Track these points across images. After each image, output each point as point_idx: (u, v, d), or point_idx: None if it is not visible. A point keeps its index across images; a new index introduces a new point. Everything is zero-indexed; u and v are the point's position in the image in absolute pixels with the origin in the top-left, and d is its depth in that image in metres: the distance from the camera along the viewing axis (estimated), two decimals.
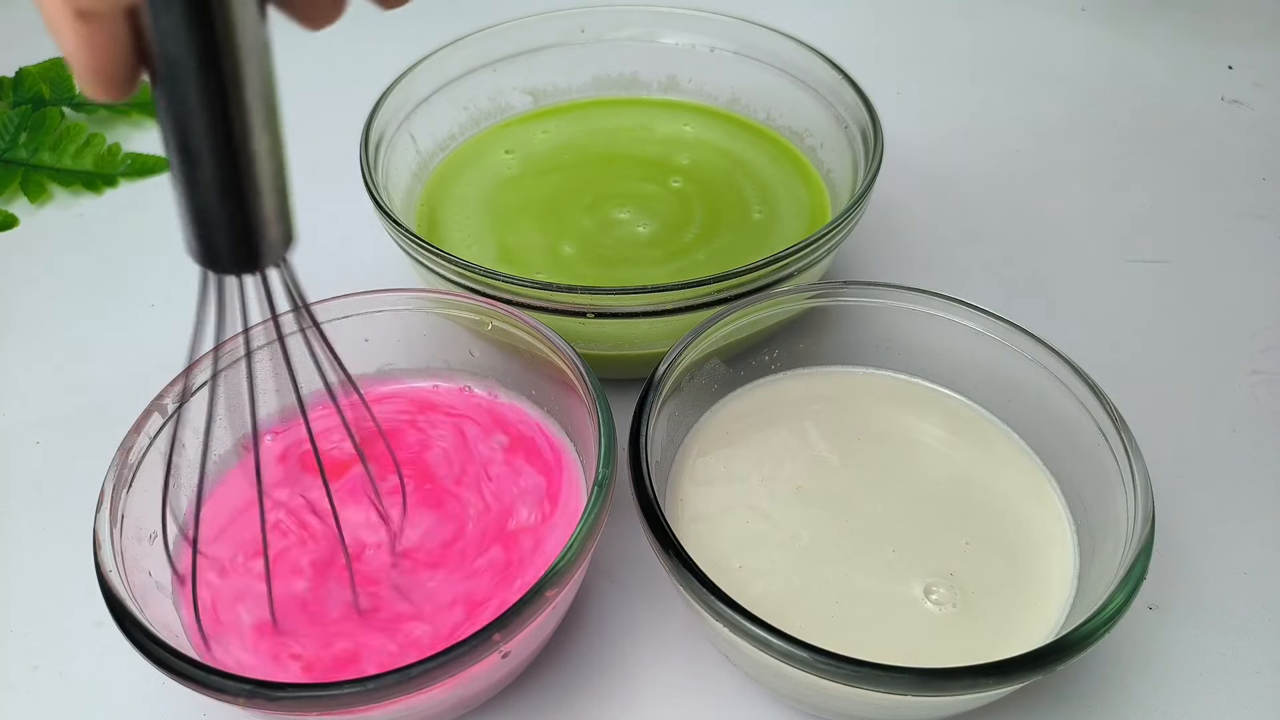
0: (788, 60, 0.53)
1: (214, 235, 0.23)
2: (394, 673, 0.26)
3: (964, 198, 0.58)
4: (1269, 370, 0.46)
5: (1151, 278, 0.52)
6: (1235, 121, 0.64)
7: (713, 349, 0.38)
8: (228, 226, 0.23)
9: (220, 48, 0.20)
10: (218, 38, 0.20)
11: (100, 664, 0.35)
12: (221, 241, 0.23)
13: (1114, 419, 0.33)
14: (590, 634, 0.36)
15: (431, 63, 0.51)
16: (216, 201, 0.22)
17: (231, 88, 0.21)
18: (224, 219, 0.23)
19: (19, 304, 0.52)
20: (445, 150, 0.54)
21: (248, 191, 0.22)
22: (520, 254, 0.47)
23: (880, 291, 0.39)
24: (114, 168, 0.60)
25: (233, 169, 0.22)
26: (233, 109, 0.21)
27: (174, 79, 0.21)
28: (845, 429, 0.38)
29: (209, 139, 0.21)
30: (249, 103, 0.21)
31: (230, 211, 0.23)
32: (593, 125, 0.56)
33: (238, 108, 0.21)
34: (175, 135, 0.22)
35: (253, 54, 0.21)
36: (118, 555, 0.30)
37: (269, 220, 0.23)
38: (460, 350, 0.40)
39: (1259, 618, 0.36)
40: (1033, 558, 0.34)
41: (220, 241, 0.23)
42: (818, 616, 0.32)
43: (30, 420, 0.45)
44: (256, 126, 0.22)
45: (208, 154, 0.22)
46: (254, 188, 0.23)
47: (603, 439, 0.32)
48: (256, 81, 0.22)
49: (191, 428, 0.35)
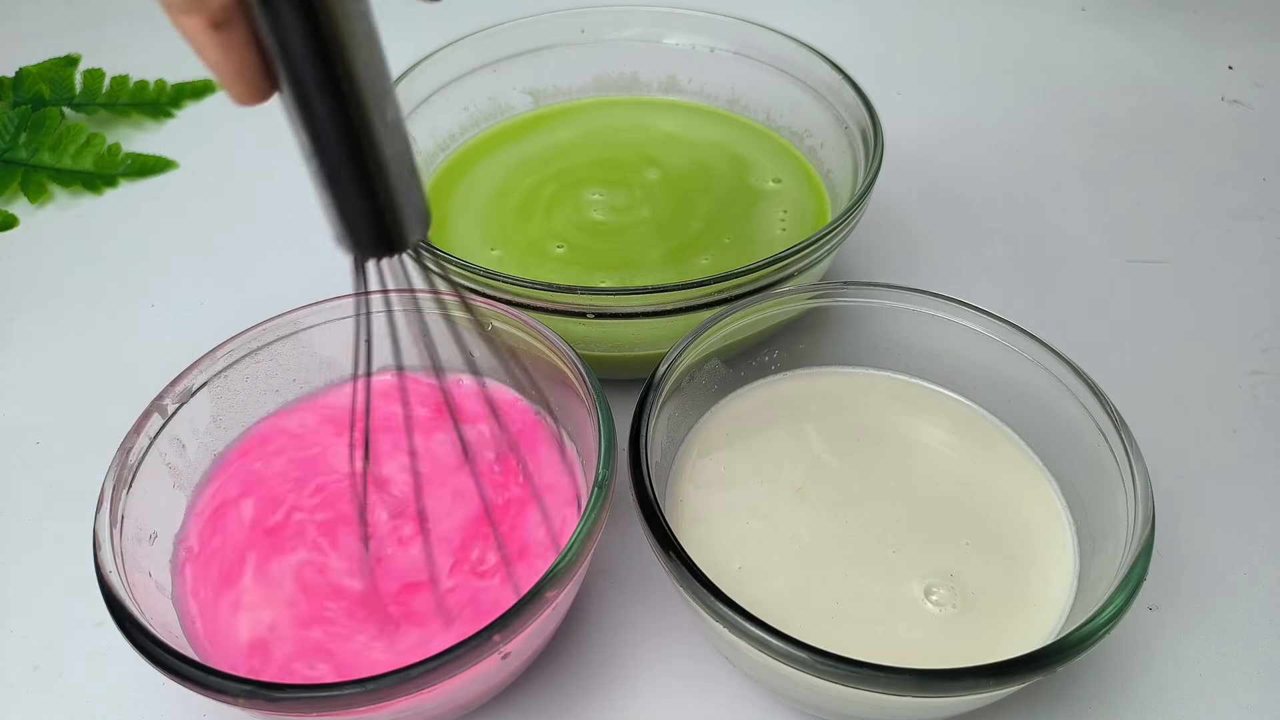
0: (788, 60, 0.53)
1: (353, 221, 0.25)
2: (394, 673, 0.26)
3: (964, 198, 0.58)
4: (1269, 370, 0.46)
5: (1151, 278, 0.52)
6: (1235, 121, 0.64)
7: (713, 349, 0.38)
8: (363, 210, 0.24)
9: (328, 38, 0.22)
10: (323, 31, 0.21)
11: (100, 664, 0.35)
12: (361, 226, 0.25)
13: (1114, 419, 0.33)
14: (590, 634, 0.36)
15: (431, 63, 0.51)
16: (350, 184, 0.24)
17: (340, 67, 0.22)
18: (359, 203, 0.24)
19: (19, 304, 0.52)
20: (446, 150, 0.54)
21: (374, 170, 0.24)
22: (520, 254, 0.47)
23: (880, 292, 0.39)
24: (114, 168, 0.60)
25: (358, 147, 0.23)
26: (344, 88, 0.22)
27: (293, 75, 0.22)
28: (845, 430, 0.38)
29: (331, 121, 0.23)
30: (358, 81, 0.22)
31: (364, 194, 0.24)
32: (593, 125, 0.56)
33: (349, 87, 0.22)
34: (305, 129, 0.23)
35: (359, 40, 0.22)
36: (118, 555, 0.30)
37: (401, 199, 0.25)
38: (460, 350, 0.40)
39: (1259, 618, 0.36)
40: (1033, 558, 0.34)
41: (361, 226, 0.25)
42: (817, 617, 0.32)
43: (30, 420, 0.45)
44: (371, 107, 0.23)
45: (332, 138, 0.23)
46: (381, 167, 0.24)
47: (603, 439, 0.32)
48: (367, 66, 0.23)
49: (191, 428, 0.35)
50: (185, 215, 0.58)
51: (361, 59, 0.22)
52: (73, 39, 0.70)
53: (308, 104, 0.22)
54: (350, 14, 0.22)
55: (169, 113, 0.66)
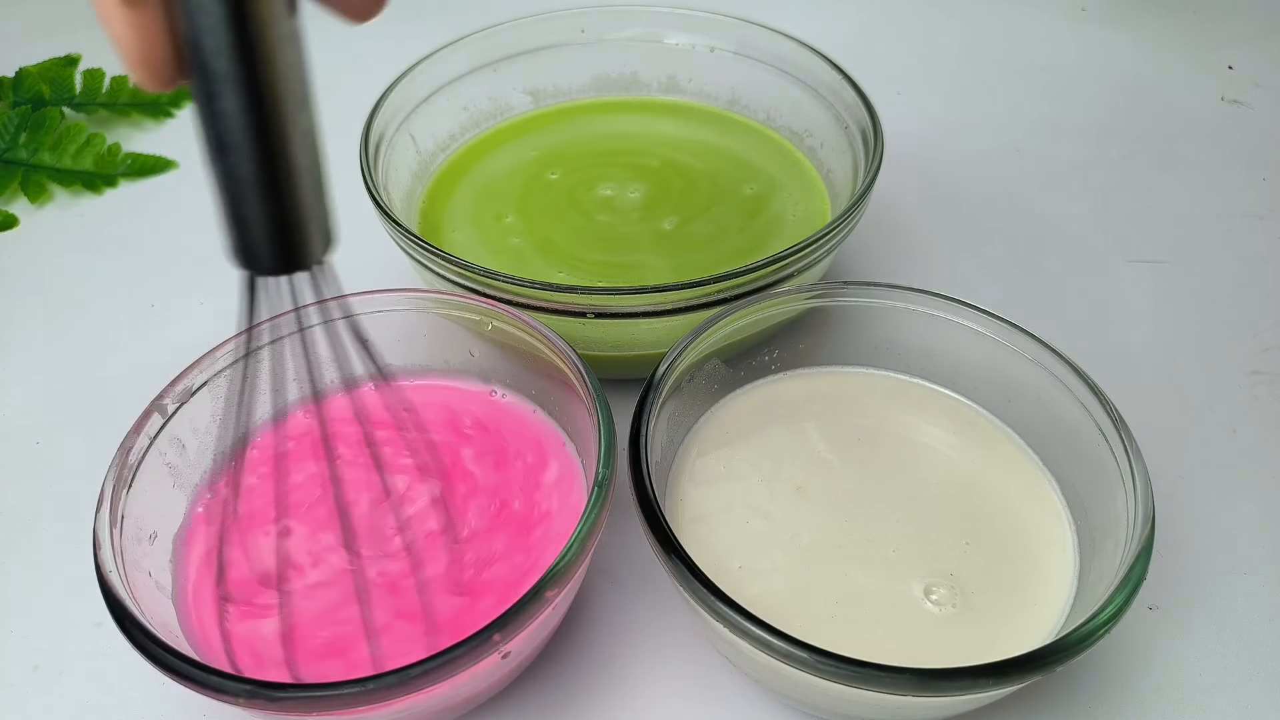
0: (788, 60, 0.53)
1: (251, 232, 0.23)
2: (394, 673, 0.26)
3: (964, 198, 0.58)
4: (1269, 370, 0.46)
5: (1151, 278, 0.52)
6: (1235, 121, 0.64)
7: (713, 349, 0.38)
8: (264, 220, 0.22)
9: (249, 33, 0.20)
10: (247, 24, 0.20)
11: (100, 664, 0.35)
12: (259, 238, 0.23)
13: (1114, 419, 0.33)
14: (590, 634, 0.36)
15: (431, 63, 0.51)
16: (251, 192, 0.22)
17: (259, 64, 0.21)
18: (260, 211, 0.22)
19: (19, 304, 0.52)
20: (446, 151, 0.54)
21: (282, 180, 0.22)
22: (520, 254, 0.47)
23: (880, 291, 0.39)
24: (114, 168, 0.60)
25: (266, 155, 0.22)
26: (262, 88, 0.21)
27: (200, 59, 0.21)
28: (845, 429, 0.38)
29: (240, 122, 0.21)
30: (277, 83, 0.21)
31: (266, 202, 0.22)
32: (593, 125, 0.56)
33: (268, 88, 0.21)
34: (208, 124, 0.21)
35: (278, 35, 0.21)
36: (118, 555, 0.30)
37: (307, 215, 0.23)
38: (460, 350, 0.40)
39: (1259, 618, 0.36)
40: (1033, 558, 0.34)
41: (258, 238, 0.23)
42: (818, 616, 0.32)
43: (30, 420, 0.45)
44: (288, 110, 0.22)
45: (240, 140, 0.21)
46: (289, 177, 0.22)
47: (603, 439, 0.32)
48: (282, 63, 0.21)
49: (191, 428, 0.35)
50: (185, 215, 0.58)
51: (280, 59, 0.21)
52: (73, 39, 0.70)
53: (215, 100, 0.21)
54: (274, 11, 0.21)
55: (169, 113, 0.66)
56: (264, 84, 0.21)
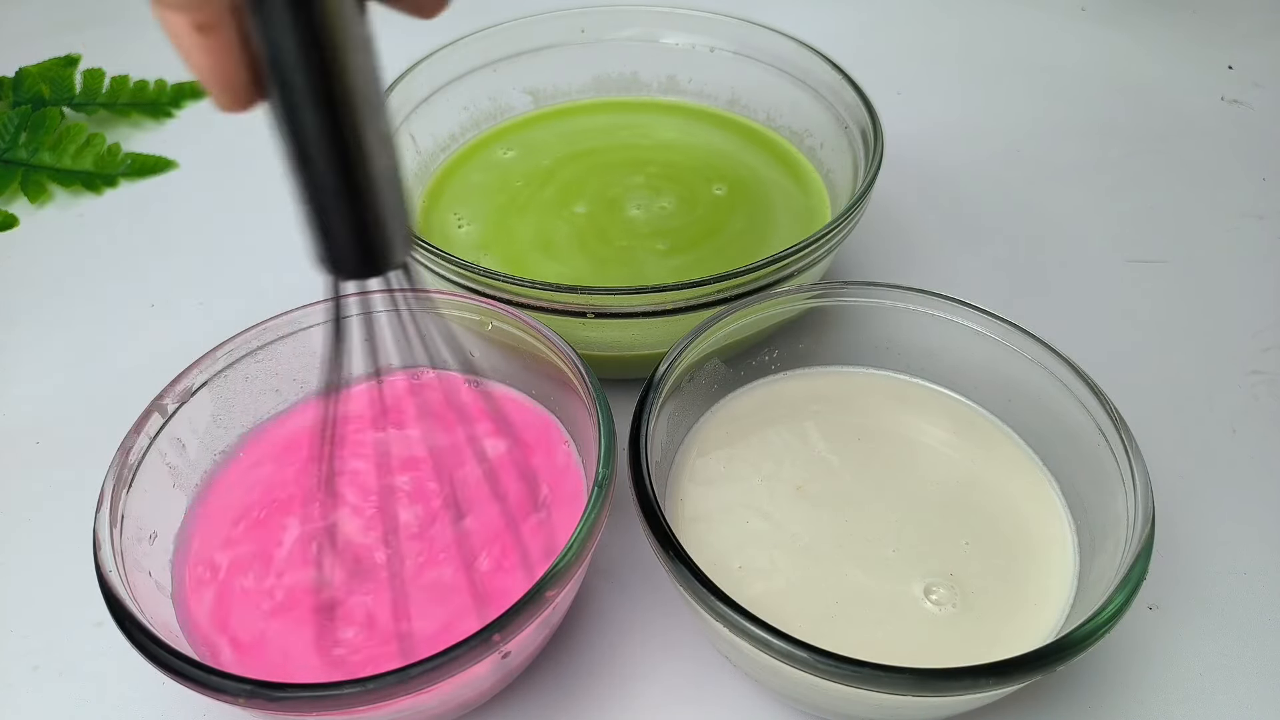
0: (788, 60, 0.53)
1: (336, 240, 0.23)
2: (394, 673, 0.26)
3: (964, 198, 0.58)
4: (1269, 370, 0.46)
5: (1151, 278, 0.52)
6: (1235, 121, 0.64)
7: (713, 349, 0.38)
8: (349, 228, 0.23)
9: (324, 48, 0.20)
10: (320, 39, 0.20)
11: (100, 664, 0.35)
12: (344, 245, 0.23)
13: (1114, 419, 0.33)
14: (590, 634, 0.36)
15: (431, 63, 0.51)
16: (335, 201, 0.22)
17: (335, 78, 0.21)
18: (344, 220, 0.23)
19: (19, 304, 0.52)
20: (446, 151, 0.54)
21: (363, 188, 0.22)
22: (520, 254, 0.47)
23: (880, 291, 0.39)
24: (114, 168, 0.60)
25: (346, 164, 0.22)
26: (338, 100, 0.21)
27: (278, 77, 0.21)
28: (845, 429, 0.38)
29: (319, 135, 0.21)
30: (353, 94, 0.21)
31: (349, 211, 0.23)
32: (593, 125, 0.56)
33: (343, 99, 0.21)
34: (289, 140, 0.22)
35: (356, 50, 0.21)
36: (118, 555, 0.30)
37: (389, 219, 0.23)
38: (460, 350, 0.40)
39: (1259, 618, 0.36)
40: (1033, 558, 0.34)
41: (343, 246, 0.23)
42: (818, 616, 0.32)
43: (30, 420, 0.45)
44: (364, 120, 0.22)
45: (321, 151, 0.22)
46: (369, 184, 0.22)
47: (603, 439, 0.32)
48: (362, 77, 0.21)
49: (190, 427, 0.35)
50: (185, 215, 0.58)
51: (356, 68, 0.21)
52: (73, 39, 0.70)
53: (295, 114, 0.21)
54: (347, 20, 0.21)
55: (169, 113, 0.66)
56: (341, 96, 0.21)
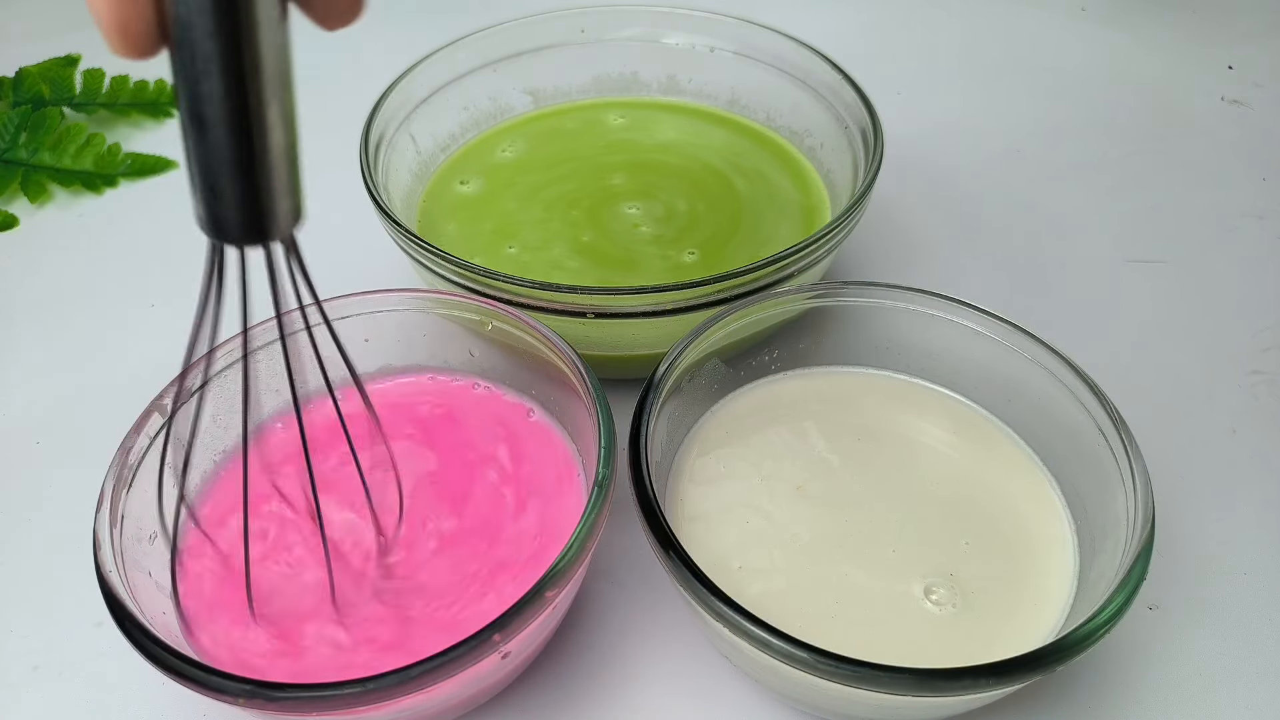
0: (788, 60, 0.53)
1: (222, 203, 0.23)
2: (394, 673, 0.26)
3: (964, 198, 0.58)
4: (1269, 370, 0.46)
5: (1151, 278, 0.52)
6: (1235, 121, 0.64)
7: (713, 349, 0.38)
8: (236, 194, 0.23)
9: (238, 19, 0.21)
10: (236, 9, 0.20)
11: (100, 664, 0.35)
12: (230, 210, 0.23)
13: (1114, 419, 0.33)
14: (590, 634, 0.36)
15: (431, 63, 0.51)
16: (226, 167, 0.23)
17: (245, 48, 0.21)
18: (233, 186, 0.23)
19: (19, 304, 0.52)
20: (446, 151, 0.54)
21: (257, 158, 0.23)
22: (520, 254, 0.47)
23: (880, 291, 0.39)
24: (114, 168, 0.60)
25: (243, 135, 0.22)
26: (246, 71, 0.21)
27: (187, 39, 0.21)
28: (845, 429, 0.38)
29: (221, 103, 0.22)
30: (261, 67, 0.22)
31: (239, 178, 0.23)
32: (593, 125, 0.56)
33: (251, 71, 0.21)
34: (188, 99, 0.22)
35: (265, 20, 0.21)
36: (118, 555, 0.30)
37: (278, 191, 0.23)
38: (460, 350, 0.40)
39: (1259, 618, 0.36)
40: (1033, 558, 0.34)
41: (228, 210, 0.23)
42: (818, 616, 0.32)
43: (30, 420, 0.45)
44: (268, 94, 0.22)
45: (219, 118, 0.22)
46: (264, 156, 0.23)
47: (603, 439, 0.32)
48: (268, 48, 0.22)
49: (189, 424, 0.35)
50: (185, 215, 0.57)
51: (267, 42, 0.21)
52: (73, 39, 0.70)
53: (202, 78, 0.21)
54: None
55: (169, 112, 0.66)
56: (249, 68, 0.21)
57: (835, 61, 0.50)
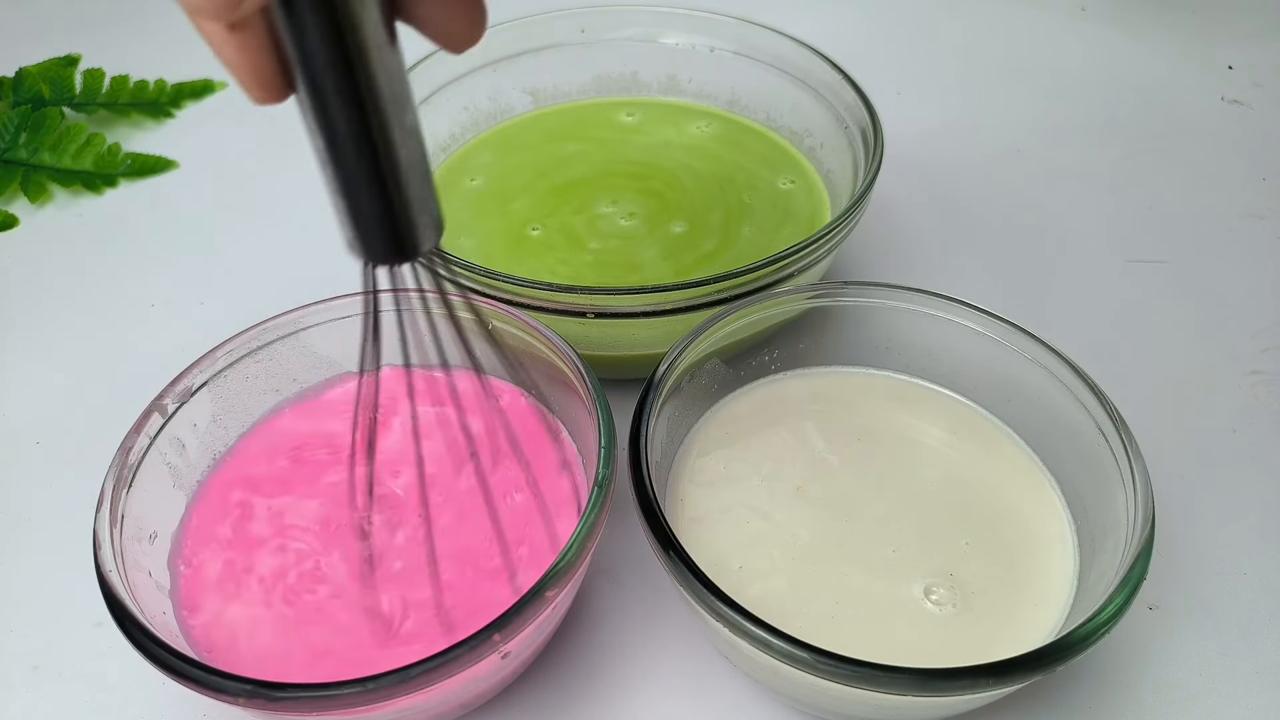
0: (788, 60, 0.53)
1: (368, 228, 0.24)
2: (394, 673, 0.26)
3: (964, 198, 0.58)
4: (1269, 370, 0.46)
5: (1151, 278, 0.52)
6: (1235, 121, 0.64)
7: (713, 349, 0.38)
8: (376, 214, 0.24)
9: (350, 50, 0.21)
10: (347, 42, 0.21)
11: (100, 664, 0.35)
12: (375, 234, 0.24)
13: (1114, 419, 0.33)
14: (590, 634, 0.36)
15: (431, 63, 0.51)
16: (366, 193, 0.24)
17: (360, 77, 0.22)
18: (375, 211, 0.24)
19: (19, 304, 0.52)
20: (446, 151, 0.54)
21: (388, 178, 0.23)
22: (520, 254, 0.47)
23: (880, 291, 0.39)
24: (114, 168, 0.60)
25: (372, 157, 0.23)
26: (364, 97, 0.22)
27: (313, 82, 0.22)
28: (845, 429, 0.38)
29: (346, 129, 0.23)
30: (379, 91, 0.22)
31: (375, 198, 0.24)
32: (593, 125, 0.56)
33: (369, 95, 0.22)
34: (318, 132, 0.23)
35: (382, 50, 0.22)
36: (118, 555, 0.30)
37: (415, 207, 0.24)
38: (460, 350, 0.39)
39: (1259, 618, 0.36)
40: (1033, 558, 0.34)
41: (375, 234, 0.24)
42: (818, 616, 0.32)
43: (30, 420, 0.45)
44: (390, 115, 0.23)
45: (353, 151, 0.23)
46: (394, 175, 0.24)
47: (603, 439, 0.32)
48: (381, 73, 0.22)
49: (190, 426, 0.35)
50: (185, 215, 0.58)
51: (382, 64, 0.22)
52: (73, 39, 0.70)
53: (325, 109, 0.22)
54: (371, 18, 0.22)
55: (169, 113, 0.66)
56: (367, 94, 0.22)
57: (835, 61, 0.50)
